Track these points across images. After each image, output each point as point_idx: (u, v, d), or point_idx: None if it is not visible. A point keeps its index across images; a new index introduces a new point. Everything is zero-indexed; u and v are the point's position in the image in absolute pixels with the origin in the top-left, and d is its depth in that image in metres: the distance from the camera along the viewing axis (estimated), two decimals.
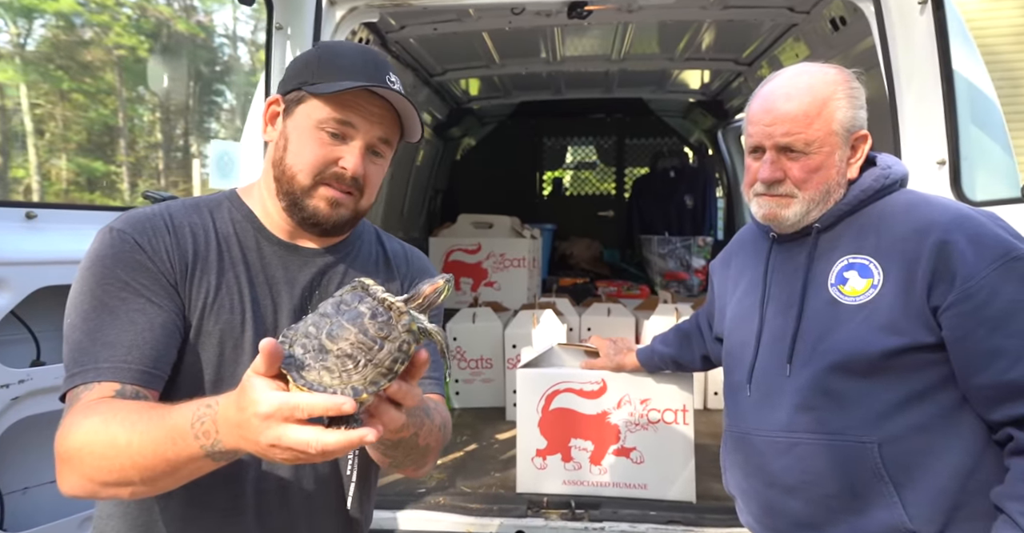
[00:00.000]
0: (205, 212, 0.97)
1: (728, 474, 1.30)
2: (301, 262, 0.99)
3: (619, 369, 1.97)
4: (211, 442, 0.71)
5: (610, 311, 3.23)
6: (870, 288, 1.08)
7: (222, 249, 0.95)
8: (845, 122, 1.12)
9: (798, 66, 1.18)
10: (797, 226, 1.17)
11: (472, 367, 3.06)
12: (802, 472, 1.11)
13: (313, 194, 0.93)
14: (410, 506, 1.92)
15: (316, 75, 0.92)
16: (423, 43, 3.00)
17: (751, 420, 1.20)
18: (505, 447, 2.49)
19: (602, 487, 2.02)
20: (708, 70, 3.68)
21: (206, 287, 0.92)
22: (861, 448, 1.06)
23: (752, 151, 1.18)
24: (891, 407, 1.05)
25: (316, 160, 0.92)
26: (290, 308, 0.97)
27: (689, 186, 4.94)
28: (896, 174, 1.16)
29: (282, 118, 0.96)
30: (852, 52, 2.30)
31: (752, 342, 1.22)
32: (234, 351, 0.92)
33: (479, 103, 4.54)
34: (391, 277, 1.08)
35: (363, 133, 0.93)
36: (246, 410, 0.66)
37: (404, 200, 4.18)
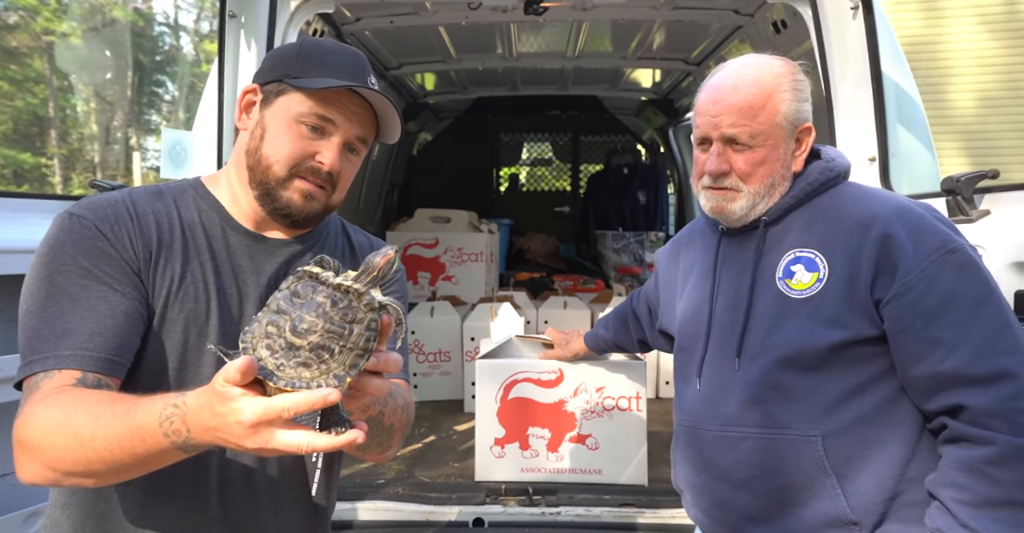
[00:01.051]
0: (169, 199, 0.96)
1: (678, 469, 1.29)
2: (268, 252, 0.99)
3: (573, 355, 2.02)
4: (182, 439, 0.71)
5: (566, 304, 3.30)
6: (816, 281, 1.08)
7: (187, 237, 0.94)
8: (790, 115, 1.11)
9: (746, 57, 1.17)
10: (745, 220, 1.16)
11: (430, 360, 3.07)
12: (751, 466, 1.11)
13: (288, 186, 0.94)
14: (369, 497, 1.93)
15: (299, 69, 0.93)
16: (379, 36, 2.99)
17: (701, 414, 1.20)
18: (464, 438, 2.51)
19: (559, 473, 2.07)
20: (659, 69, 3.79)
21: (170, 275, 0.91)
22: (806, 442, 1.06)
23: (700, 142, 1.18)
24: (835, 400, 1.06)
25: (294, 152, 0.93)
26: (256, 297, 0.97)
27: (642, 183, 5.06)
28: (840, 167, 1.16)
29: (259, 108, 0.96)
30: (793, 54, 2.41)
31: (702, 336, 1.21)
32: (199, 339, 0.91)
33: (435, 98, 4.53)
34: (356, 265, 1.08)
35: (342, 130, 0.94)
36: (226, 417, 0.66)
37: (360, 195, 4.14)
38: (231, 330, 0.94)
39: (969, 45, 7.66)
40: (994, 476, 0.95)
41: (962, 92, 7.63)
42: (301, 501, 1.01)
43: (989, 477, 0.95)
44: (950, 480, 0.98)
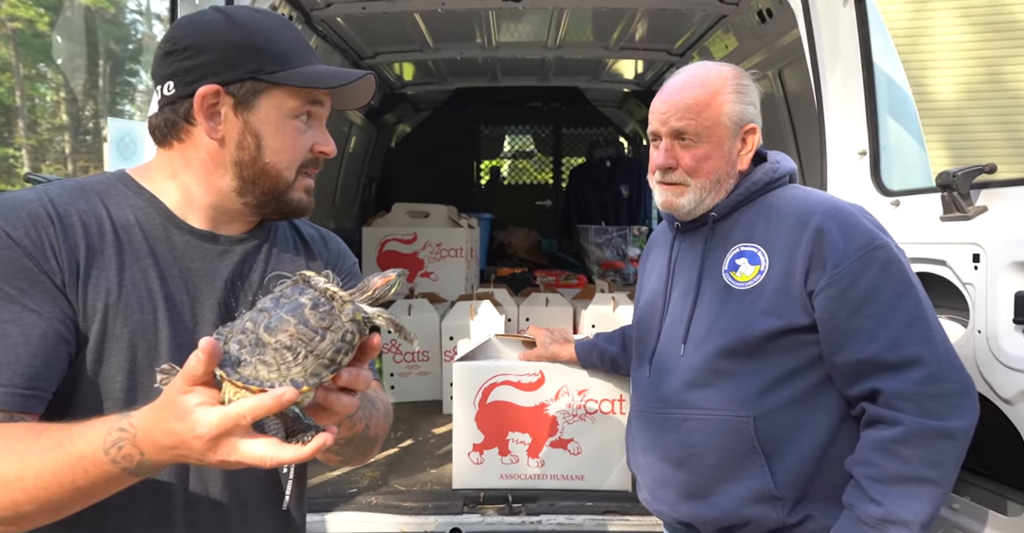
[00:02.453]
0: (94, 198, 0.84)
1: (629, 452, 1.37)
2: (220, 251, 0.89)
3: (553, 359, 1.95)
4: (135, 464, 0.66)
5: (548, 301, 3.22)
6: (758, 274, 1.16)
7: (121, 241, 0.83)
8: (733, 115, 1.20)
9: (696, 64, 1.27)
10: (693, 214, 1.24)
11: (408, 360, 2.98)
12: (689, 446, 1.19)
13: (295, 186, 0.88)
14: (340, 507, 1.84)
15: (270, 61, 0.84)
16: (351, 23, 2.86)
17: (649, 398, 1.27)
18: (442, 441, 2.43)
19: (539, 480, 2.00)
20: (642, 60, 3.71)
21: (105, 285, 0.80)
22: (739, 422, 1.14)
23: (652, 139, 1.26)
24: (768, 384, 1.14)
25: (299, 152, 0.87)
26: (213, 302, 0.87)
27: (625, 176, 4.99)
28: (783, 169, 1.25)
29: (233, 112, 0.85)
30: (778, 44, 2.35)
31: (655, 327, 1.29)
32: (148, 354, 0.81)
33: (413, 89, 4.41)
34: (311, 262, 1.01)
35: (326, 108, 0.90)
36: (183, 434, 0.62)
37: (335, 188, 4.01)
38: (187, 341, 0.84)
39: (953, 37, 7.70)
40: (900, 454, 1.04)
41: (945, 85, 7.68)
42: (275, 517, 0.93)
43: (896, 455, 1.04)
44: (863, 458, 1.07)
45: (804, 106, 2.17)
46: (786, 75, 2.41)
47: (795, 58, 2.29)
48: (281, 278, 0.95)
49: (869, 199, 1.64)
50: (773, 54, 2.40)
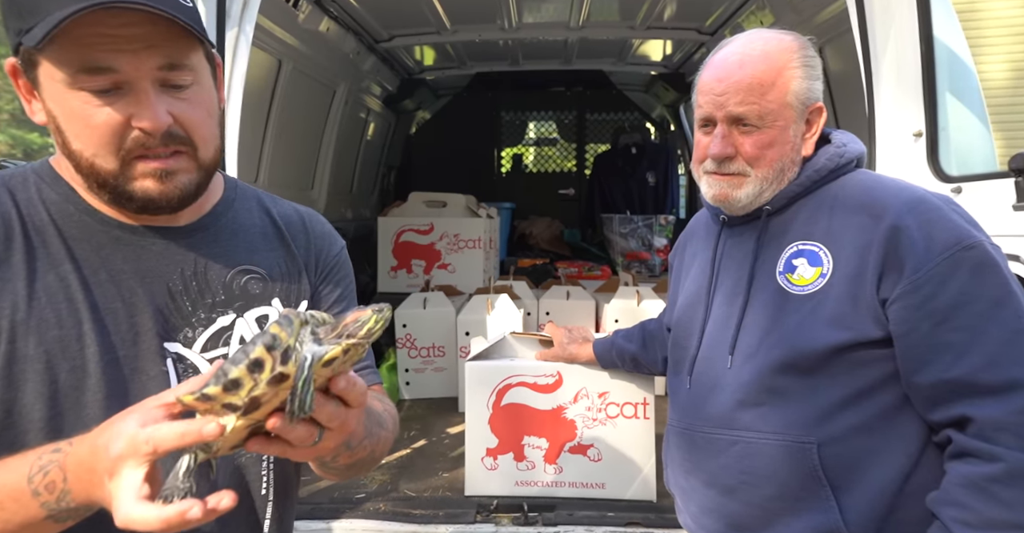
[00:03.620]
0: (4, 195, 0.72)
1: (668, 471, 1.24)
2: (160, 248, 0.77)
3: (571, 360, 1.83)
4: (55, 496, 0.57)
5: (569, 294, 3.09)
6: (819, 277, 1.01)
7: (32, 244, 0.71)
8: (801, 93, 1.04)
9: (751, 32, 1.09)
10: (749, 208, 1.09)
11: (423, 355, 2.89)
12: (741, 472, 1.06)
13: (131, 175, 0.70)
14: (347, 514, 1.75)
15: (27, 12, 0.65)
16: (365, 4, 2.75)
17: (690, 414, 1.14)
18: (456, 442, 2.33)
19: (557, 487, 1.88)
20: (670, 40, 3.53)
21: (11, 300, 0.69)
22: (800, 449, 1.00)
23: (702, 124, 1.09)
24: (833, 406, 1.00)
25: (103, 133, 0.68)
26: (154, 309, 0.75)
27: (651, 163, 4.82)
28: (852, 153, 1.08)
29: (31, 90, 0.71)
30: (820, 17, 2.17)
31: (696, 332, 1.15)
32: (73, 375, 0.70)
33: (432, 74, 4.29)
34: (287, 252, 0.88)
35: (133, 70, 0.67)
36: (98, 447, 0.55)
37: (353, 177, 3.93)
38: (126, 354, 0.73)
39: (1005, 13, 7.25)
40: (999, 495, 0.88)
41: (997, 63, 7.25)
42: None
43: (994, 496, 0.89)
44: (952, 498, 0.92)
45: (847, 85, 1.99)
46: (827, 52, 2.22)
47: (838, 33, 2.11)
48: (250, 273, 0.83)
49: (925, 186, 1.47)
50: (813, 29, 2.22)
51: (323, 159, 3.35)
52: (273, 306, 0.84)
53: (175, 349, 0.76)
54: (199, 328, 0.78)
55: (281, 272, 0.85)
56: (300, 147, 3.12)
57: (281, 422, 0.56)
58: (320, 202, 3.34)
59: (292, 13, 2.43)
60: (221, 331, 0.80)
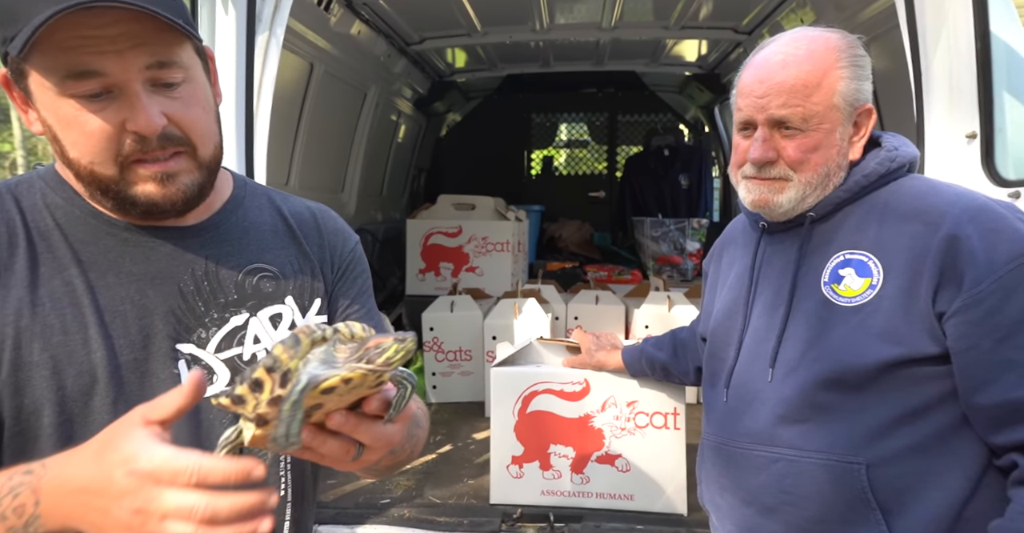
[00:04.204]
0: (9, 201, 0.72)
1: (703, 487, 1.20)
2: (170, 248, 0.76)
3: (599, 368, 1.78)
4: (24, 521, 0.54)
5: (598, 299, 3.04)
6: (868, 288, 0.96)
7: (37, 250, 0.71)
8: (848, 95, 0.99)
9: (795, 30, 1.04)
10: (791, 214, 1.04)
11: (450, 359, 2.87)
12: (782, 492, 1.01)
13: (131, 179, 0.69)
14: (371, 520, 1.74)
15: (8, 22, 0.63)
16: (396, 6, 2.75)
17: (727, 429, 1.10)
18: (482, 448, 2.30)
19: (584, 498, 1.84)
20: (705, 40, 3.45)
21: (14, 307, 0.68)
22: (847, 469, 0.95)
23: (741, 127, 1.04)
24: (883, 425, 0.95)
25: (98, 140, 0.66)
26: (166, 310, 0.74)
27: (684, 165, 4.73)
28: (904, 157, 1.03)
29: (24, 99, 0.69)
30: (863, 15, 2.08)
31: (734, 343, 1.11)
32: (80, 380, 0.70)
33: (463, 76, 4.29)
34: (299, 250, 0.86)
35: (121, 71, 0.64)
36: (108, 466, 0.50)
37: (383, 179, 3.95)
38: (135, 357, 0.72)
39: None
40: None
41: None
42: None
43: None
44: (1018, 527, 0.87)
45: (893, 84, 1.90)
46: (872, 51, 2.13)
47: (883, 30, 2.02)
48: (262, 272, 0.81)
49: (980, 190, 1.39)
50: (857, 27, 2.12)
51: (354, 162, 3.37)
52: (287, 304, 0.82)
53: (188, 350, 0.76)
54: (212, 328, 0.77)
55: (294, 270, 0.84)
56: (331, 150, 3.14)
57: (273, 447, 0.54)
58: (350, 204, 3.36)
59: (323, 16, 2.44)
60: (235, 331, 0.79)
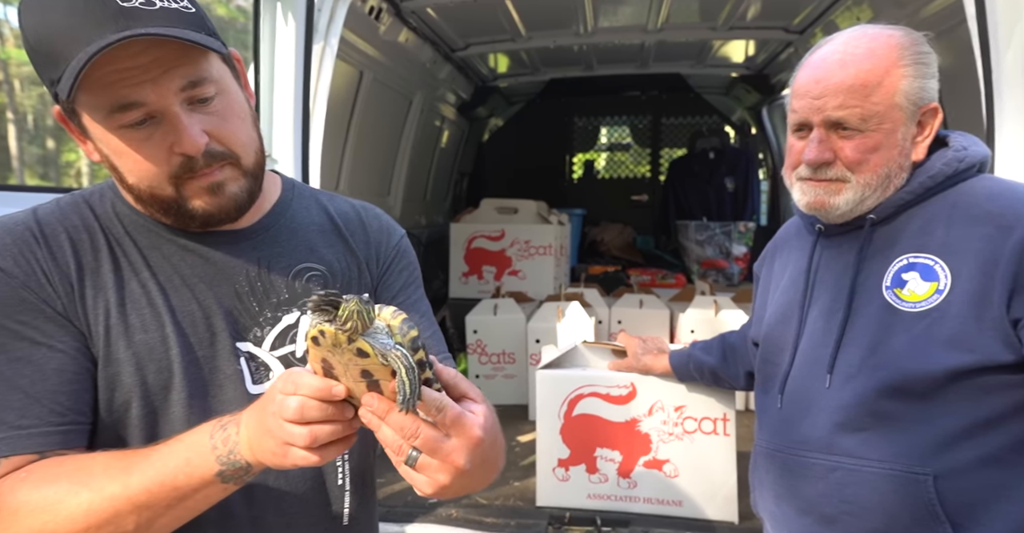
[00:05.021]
0: (85, 209, 0.77)
1: (756, 494, 1.18)
2: (225, 252, 0.80)
3: (646, 372, 1.77)
4: (228, 449, 0.64)
5: (642, 303, 3.01)
6: (934, 293, 0.93)
7: (116, 255, 0.75)
8: (912, 93, 0.95)
9: (854, 29, 1.01)
10: (848, 216, 1.01)
11: (493, 362, 2.89)
12: (842, 501, 0.98)
13: (186, 195, 0.73)
14: (419, 519, 1.77)
15: (51, 65, 0.67)
16: (442, 13, 2.80)
17: (782, 435, 1.08)
18: (527, 451, 2.31)
19: (631, 502, 1.82)
20: (753, 41, 3.38)
21: (103, 306, 0.73)
22: (913, 480, 0.92)
23: (796, 128, 1.02)
24: (952, 435, 0.92)
25: (151, 165, 0.70)
26: (224, 311, 0.78)
27: (730, 168, 4.64)
28: (974, 157, 0.99)
29: (80, 132, 0.73)
30: (925, 11, 2.01)
31: (789, 348, 1.09)
32: (160, 376, 0.74)
33: (506, 81, 4.31)
34: (346, 248, 0.89)
35: (159, 98, 0.68)
36: (271, 392, 0.62)
37: (427, 184, 4.01)
38: (204, 354, 0.76)
39: None
40: None
41: None
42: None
43: None
44: None
45: (958, 83, 1.83)
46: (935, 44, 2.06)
47: (948, 26, 1.94)
48: (311, 271, 0.84)
49: None
50: (918, 24, 2.06)
51: (399, 166, 3.43)
52: None
53: (247, 348, 0.79)
54: (267, 327, 0.81)
55: (341, 268, 0.87)
56: (378, 155, 3.21)
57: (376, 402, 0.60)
58: (396, 208, 3.42)
59: (373, 25, 2.50)
60: (287, 329, 0.82)
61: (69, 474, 0.66)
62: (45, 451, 0.69)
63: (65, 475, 0.66)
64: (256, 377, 0.79)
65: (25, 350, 0.69)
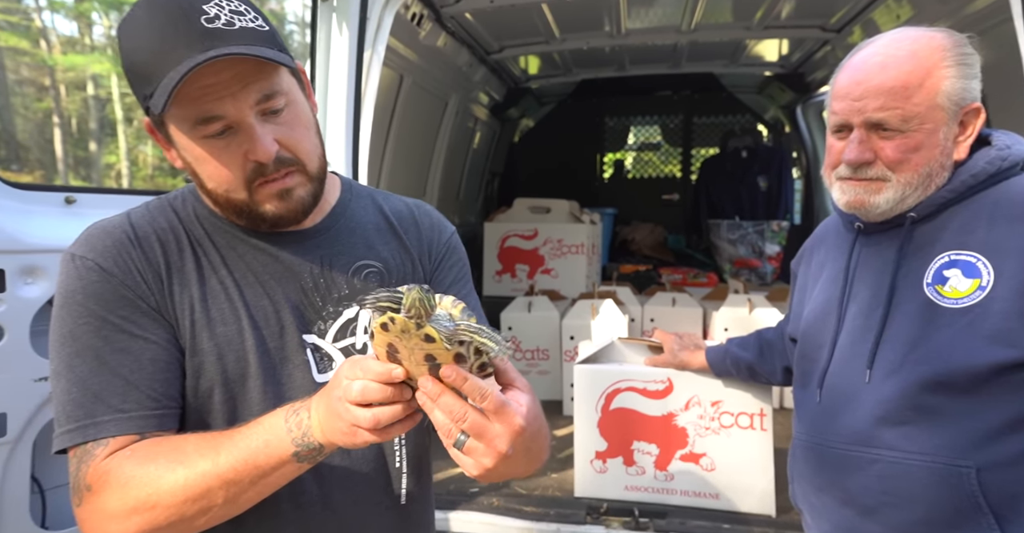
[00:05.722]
0: (170, 213, 0.85)
1: (795, 486, 1.19)
2: (291, 251, 0.87)
3: (682, 367, 1.80)
4: (302, 432, 0.70)
5: (675, 301, 3.03)
6: (977, 289, 0.94)
7: (198, 254, 0.83)
8: (953, 94, 0.97)
9: (896, 31, 1.02)
10: (888, 214, 1.02)
11: (528, 358, 2.94)
12: (883, 493, 1.00)
13: (258, 199, 0.80)
14: (462, 506, 1.83)
15: (144, 81, 0.74)
16: (479, 18, 2.86)
17: (821, 429, 1.09)
18: (563, 445, 2.36)
19: (668, 495, 1.86)
20: (788, 40, 3.37)
21: (189, 301, 0.81)
22: (956, 473, 0.93)
23: (836, 129, 1.04)
24: (995, 429, 0.93)
25: (230, 171, 0.78)
26: (292, 305, 0.85)
27: (763, 167, 4.61)
28: (1017, 155, 1.00)
29: (166, 141, 0.81)
30: (970, 9, 1.99)
31: (827, 344, 1.10)
32: (238, 365, 0.82)
33: (538, 82, 4.36)
34: (400, 245, 0.95)
35: (237, 112, 0.75)
36: (337, 377, 0.68)
37: (460, 184, 4.08)
38: (275, 346, 0.84)
39: None
40: None
41: None
42: (389, 514, 0.91)
43: None
44: None
45: (1003, 80, 1.82)
46: (978, 45, 2.04)
47: (992, 24, 1.93)
48: (369, 268, 0.91)
49: None
50: (961, 21, 2.05)
51: (434, 167, 3.51)
52: None
53: (312, 340, 0.86)
54: (329, 321, 0.88)
55: (396, 264, 0.93)
56: (415, 156, 3.29)
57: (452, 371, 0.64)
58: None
59: (415, 30, 2.58)
60: (348, 323, 0.89)
61: (166, 453, 0.73)
62: (144, 432, 0.77)
63: (163, 454, 0.73)
64: (320, 367, 0.86)
65: (125, 342, 0.77)
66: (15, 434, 1.32)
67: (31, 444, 1.36)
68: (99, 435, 0.75)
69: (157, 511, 0.71)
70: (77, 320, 0.77)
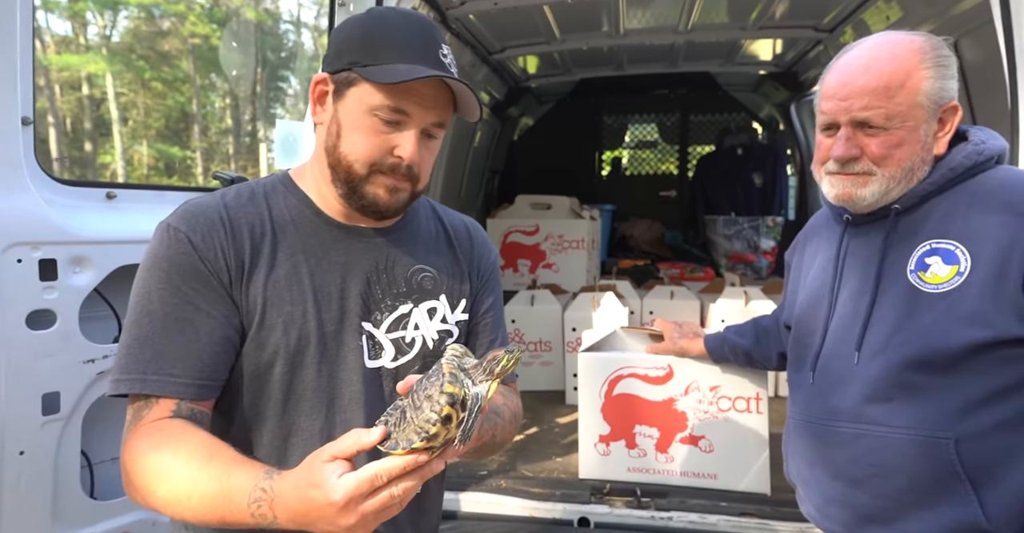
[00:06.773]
0: (261, 200, 0.94)
1: (790, 462, 1.26)
2: (363, 245, 0.96)
3: (682, 354, 1.88)
4: (268, 522, 0.73)
5: (673, 294, 3.12)
6: (955, 275, 1.00)
7: (278, 239, 0.92)
8: (933, 93, 1.03)
9: (879, 35, 1.08)
10: (875, 206, 1.08)
11: (531, 350, 3.03)
12: (870, 465, 1.05)
13: (371, 181, 0.90)
14: (472, 488, 1.91)
15: (367, 55, 0.86)
16: (483, 19, 2.93)
17: (813, 407, 1.15)
18: (566, 431, 2.45)
19: (669, 476, 1.95)
20: (782, 40, 3.45)
21: (263, 281, 0.89)
22: (935, 444, 0.99)
23: (825, 128, 1.09)
24: (971, 403, 0.98)
25: (372, 150, 0.88)
26: (356, 293, 0.93)
27: (758, 164, 4.70)
28: (991, 150, 1.06)
29: (332, 99, 0.91)
30: (955, 10, 2.08)
31: (820, 329, 1.15)
32: (299, 342, 0.90)
33: (537, 81, 4.43)
34: (454, 257, 1.04)
35: (417, 120, 0.88)
36: (316, 501, 0.68)
37: (462, 181, 4.15)
38: (335, 329, 0.92)
39: None
40: None
41: None
42: None
43: None
44: None
45: (986, 80, 1.91)
46: (963, 45, 2.13)
47: (976, 25, 2.02)
48: (425, 271, 1.00)
49: None
50: (947, 22, 2.13)
51: (438, 165, 3.58)
52: (440, 301, 1.01)
53: (368, 328, 0.95)
54: (386, 313, 0.96)
55: (448, 273, 1.03)
56: None
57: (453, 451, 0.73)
58: None
59: None
60: (401, 317, 0.97)
61: (185, 461, 0.78)
62: (184, 398, 0.85)
63: (163, 470, 0.79)
64: (372, 354, 0.94)
65: (189, 313, 0.86)
66: (67, 411, 1.40)
67: (80, 421, 1.45)
68: (144, 390, 0.84)
69: (149, 500, 0.80)
70: (157, 284, 0.86)
